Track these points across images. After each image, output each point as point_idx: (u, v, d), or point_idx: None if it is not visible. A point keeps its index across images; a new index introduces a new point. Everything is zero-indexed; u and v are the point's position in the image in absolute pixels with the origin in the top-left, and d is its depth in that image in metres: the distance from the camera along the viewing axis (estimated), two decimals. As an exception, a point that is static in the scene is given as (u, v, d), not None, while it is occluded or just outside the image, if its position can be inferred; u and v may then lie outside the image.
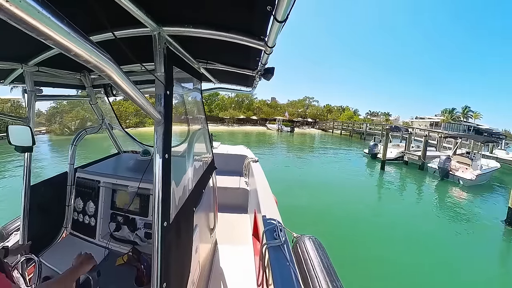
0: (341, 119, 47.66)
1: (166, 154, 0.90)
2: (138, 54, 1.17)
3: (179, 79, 1.27)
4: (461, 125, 43.06)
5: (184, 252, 1.17)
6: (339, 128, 40.55)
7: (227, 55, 1.54)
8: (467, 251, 6.13)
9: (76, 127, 24.97)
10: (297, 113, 51.33)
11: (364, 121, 46.20)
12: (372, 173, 14.55)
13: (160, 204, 0.86)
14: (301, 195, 9.03)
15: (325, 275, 1.63)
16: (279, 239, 1.71)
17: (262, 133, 37.59)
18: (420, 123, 50.33)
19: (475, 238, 6.88)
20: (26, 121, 1.49)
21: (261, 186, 2.84)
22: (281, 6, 0.68)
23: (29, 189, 1.51)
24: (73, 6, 0.77)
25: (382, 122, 47.03)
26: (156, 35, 0.91)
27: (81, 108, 24.78)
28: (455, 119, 51.30)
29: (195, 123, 1.82)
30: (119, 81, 0.59)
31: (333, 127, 42.70)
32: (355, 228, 6.82)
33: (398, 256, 5.53)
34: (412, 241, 6.36)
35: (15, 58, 1.38)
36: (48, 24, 0.36)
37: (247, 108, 49.58)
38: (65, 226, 1.78)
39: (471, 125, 43.45)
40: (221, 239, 2.51)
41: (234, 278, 2.13)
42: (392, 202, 9.75)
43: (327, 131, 43.96)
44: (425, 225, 7.38)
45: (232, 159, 4.55)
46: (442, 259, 5.52)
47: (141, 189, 1.49)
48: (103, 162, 2.05)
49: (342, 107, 57.55)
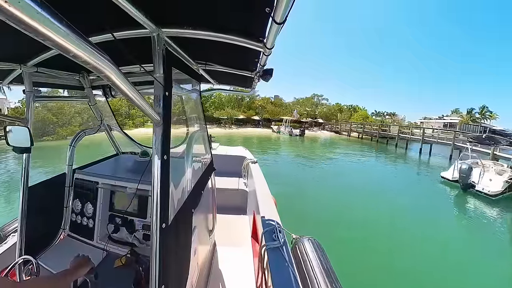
0: (355, 119, 41.01)
1: (164, 156, 0.89)
2: (137, 55, 1.17)
3: (178, 80, 1.27)
4: (477, 127, 38.77)
5: (183, 254, 1.17)
6: (357, 131, 33.96)
7: (226, 57, 1.54)
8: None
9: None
10: (305, 113, 44.50)
11: (382, 122, 39.54)
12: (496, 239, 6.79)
13: (159, 206, 0.86)
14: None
15: (324, 277, 1.63)
16: (278, 240, 1.71)
17: (267, 138, 29.87)
18: (433, 124, 44.05)
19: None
20: (25, 122, 1.48)
21: (260, 187, 2.84)
22: (280, 8, 0.68)
23: (27, 190, 1.50)
24: (73, 7, 0.77)
25: (417, 125, 41.98)
26: (155, 36, 0.91)
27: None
28: (474, 120, 45.24)
29: (194, 124, 1.82)
30: (118, 82, 0.59)
31: (350, 130, 35.17)
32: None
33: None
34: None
35: (14, 59, 1.37)
36: (47, 25, 0.36)
37: (247, 107, 43.05)
38: (63, 228, 1.77)
39: (487, 126, 39.83)
40: (220, 240, 2.50)
41: (233, 280, 2.12)
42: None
43: (341, 133, 37.20)
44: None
45: (231, 160, 4.55)
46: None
47: (139, 190, 1.49)
48: (101, 163, 2.05)
49: (353, 106, 50.21)
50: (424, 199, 9.59)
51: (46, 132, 21.27)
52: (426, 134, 22.84)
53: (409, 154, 21.63)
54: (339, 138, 32.80)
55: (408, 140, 24.14)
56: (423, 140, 21.78)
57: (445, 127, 42.84)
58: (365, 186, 10.80)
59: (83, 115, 24.23)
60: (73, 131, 21.77)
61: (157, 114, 0.86)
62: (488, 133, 29.22)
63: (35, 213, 1.55)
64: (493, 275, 5.09)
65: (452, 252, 5.88)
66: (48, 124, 22.28)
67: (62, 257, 1.44)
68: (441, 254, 5.64)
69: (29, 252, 1.40)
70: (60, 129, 21.89)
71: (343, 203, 8.54)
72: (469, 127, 39.08)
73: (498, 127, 41.36)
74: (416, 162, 18.75)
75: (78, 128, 22.33)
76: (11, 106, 29.85)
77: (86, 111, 23.94)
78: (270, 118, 41.73)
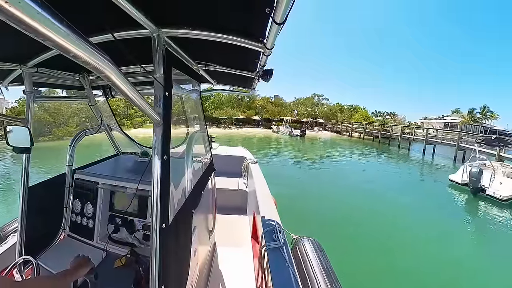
0: (356, 119, 40.49)
1: (165, 156, 0.89)
2: (137, 55, 1.17)
3: (178, 80, 1.27)
4: (477, 127, 38.37)
5: (183, 254, 1.17)
6: (358, 131, 33.52)
7: (226, 57, 1.55)
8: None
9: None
10: (306, 113, 43.81)
11: (383, 122, 39.49)
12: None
13: (159, 206, 0.86)
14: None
15: (324, 277, 1.63)
16: (278, 240, 1.71)
17: (267, 139, 29.25)
18: (433, 124, 43.95)
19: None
20: (25, 122, 1.48)
21: (260, 188, 2.84)
22: (280, 8, 0.68)
23: (27, 191, 1.50)
24: (73, 7, 0.77)
25: (417, 125, 41.68)
26: (155, 36, 0.91)
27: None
28: (475, 120, 44.83)
29: (194, 124, 1.83)
30: (118, 82, 0.59)
31: (351, 130, 34.68)
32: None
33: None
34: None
35: (14, 59, 1.37)
36: (47, 25, 0.36)
37: (247, 107, 42.06)
38: (63, 228, 1.77)
39: (487, 126, 39.46)
40: (220, 241, 2.50)
41: (233, 280, 2.12)
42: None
43: (342, 134, 36.68)
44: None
45: (231, 161, 4.55)
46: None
47: (139, 190, 1.49)
48: (101, 164, 2.05)
49: (353, 106, 49.64)
50: (433, 202, 9.19)
51: (42, 132, 21.20)
52: (429, 135, 22.50)
53: (413, 155, 21.17)
54: (340, 139, 32.18)
55: (411, 140, 23.80)
56: (427, 140, 21.43)
57: (445, 127, 41.73)
58: (369, 187, 10.46)
59: (80, 115, 24.09)
60: (69, 131, 21.51)
61: (157, 114, 0.86)
62: (488, 133, 28.80)
63: (35, 213, 1.55)
64: (509, 282, 4.87)
65: (466, 258, 5.56)
66: (44, 124, 22.24)
67: (62, 257, 1.44)
68: (450, 259, 5.39)
69: (29, 252, 1.40)
70: (57, 130, 21.84)
71: (347, 205, 8.31)
72: (470, 127, 38.67)
73: (498, 127, 41.25)
74: (420, 163, 18.29)
75: (74, 128, 22.13)
76: (9, 106, 29.62)
77: (83, 111, 23.71)
78: (270, 118, 40.91)
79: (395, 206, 8.48)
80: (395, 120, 48.02)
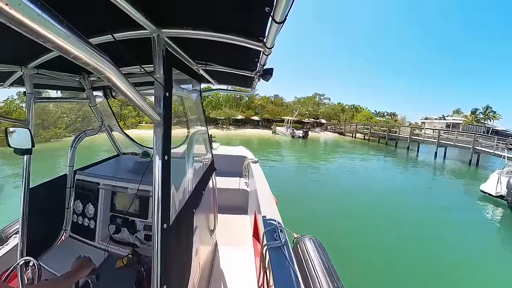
0: (358, 120, 39.43)
1: (165, 156, 0.90)
2: (137, 56, 1.17)
3: (179, 80, 1.27)
4: (480, 127, 38.29)
5: (184, 254, 1.17)
6: (362, 132, 32.35)
7: (226, 57, 1.55)
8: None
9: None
10: (307, 113, 41.82)
11: (386, 123, 37.94)
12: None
13: (160, 206, 0.86)
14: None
15: (326, 276, 1.63)
16: (280, 240, 1.71)
17: (268, 140, 27.22)
18: (435, 125, 42.03)
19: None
20: (26, 124, 1.48)
21: (261, 187, 2.84)
22: (280, 7, 0.68)
23: (28, 192, 1.50)
24: (73, 9, 0.77)
25: (417, 125, 40.91)
26: (155, 37, 0.91)
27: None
28: (478, 120, 44.02)
29: (194, 124, 1.83)
30: (118, 83, 0.59)
31: (355, 131, 33.00)
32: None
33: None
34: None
35: (15, 61, 1.38)
36: (48, 27, 0.36)
37: (246, 107, 40.15)
38: (65, 229, 1.77)
39: (490, 127, 39.21)
40: (221, 240, 2.51)
41: (235, 280, 2.12)
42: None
43: (345, 135, 35.15)
44: None
45: (231, 160, 4.55)
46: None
47: (140, 191, 1.49)
48: (102, 164, 2.05)
49: (355, 106, 48.10)
50: (464, 216, 7.79)
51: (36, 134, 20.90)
52: (440, 136, 21.33)
53: (423, 158, 19.99)
54: (344, 140, 30.69)
55: (421, 142, 22.68)
56: (438, 143, 20.37)
57: (447, 127, 40.20)
58: (390, 197, 9.21)
59: (70, 115, 23.58)
60: (56, 133, 21.26)
61: (157, 114, 0.87)
62: (491, 133, 27.42)
63: (36, 214, 1.55)
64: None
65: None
66: (37, 125, 21.86)
67: (63, 258, 1.44)
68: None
69: (31, 254, 1.40)
70: (43, 131, 21.10)
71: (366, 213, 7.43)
72: (472, 128, 38.22)
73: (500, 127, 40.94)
74: (432, 166, 17.20)
75: (63, 130, 21.96)
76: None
77: (73, 111, 23.28)
78: (271, 118, 39.01)
79: (419, 221, 7.33)
80: (396, 120, 46.85)
